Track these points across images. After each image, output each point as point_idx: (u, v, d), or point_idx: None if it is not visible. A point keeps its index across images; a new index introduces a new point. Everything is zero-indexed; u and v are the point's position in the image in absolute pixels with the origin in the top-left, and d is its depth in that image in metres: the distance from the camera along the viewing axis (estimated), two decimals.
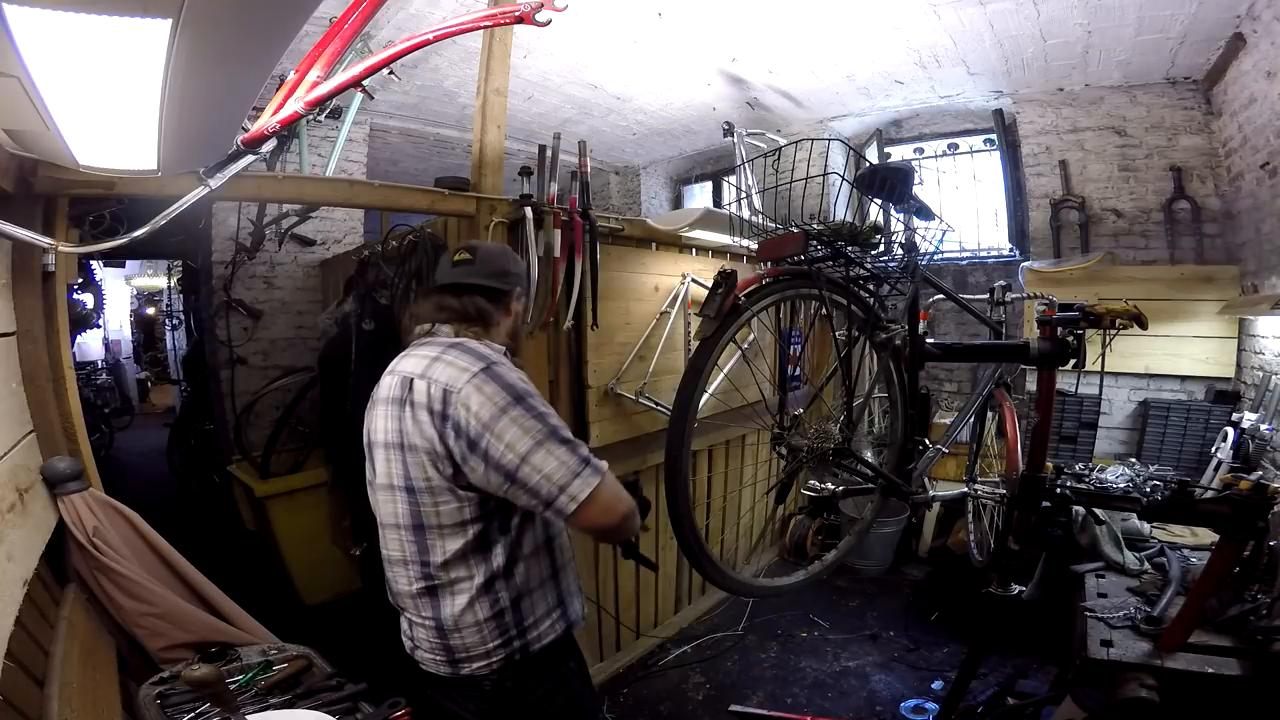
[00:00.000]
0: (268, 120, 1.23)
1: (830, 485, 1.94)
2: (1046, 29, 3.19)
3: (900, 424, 1.98)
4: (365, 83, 1.56)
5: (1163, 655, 1.55)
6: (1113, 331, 1.66)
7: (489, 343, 1.25)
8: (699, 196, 6.12)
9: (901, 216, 2.08)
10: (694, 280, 3.03)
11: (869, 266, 1.84)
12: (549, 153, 2.46)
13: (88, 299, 5.28)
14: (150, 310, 10.39)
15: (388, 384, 1.22)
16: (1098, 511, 1.95)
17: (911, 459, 1.96)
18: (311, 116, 3.35)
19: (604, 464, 1.15)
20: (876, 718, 2.59)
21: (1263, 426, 2.86)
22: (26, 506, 1.37)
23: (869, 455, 3.62)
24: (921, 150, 4.76)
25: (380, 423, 1.21)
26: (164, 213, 1.44)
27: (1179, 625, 1.56)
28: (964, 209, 4.61)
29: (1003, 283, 2.51)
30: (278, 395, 3.74)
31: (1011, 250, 4.40)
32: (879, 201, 1.86)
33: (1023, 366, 2.92)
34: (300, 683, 1.44)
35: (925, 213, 1.92)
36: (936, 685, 2.72)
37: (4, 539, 1.21)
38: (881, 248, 1.88)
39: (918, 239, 1.99)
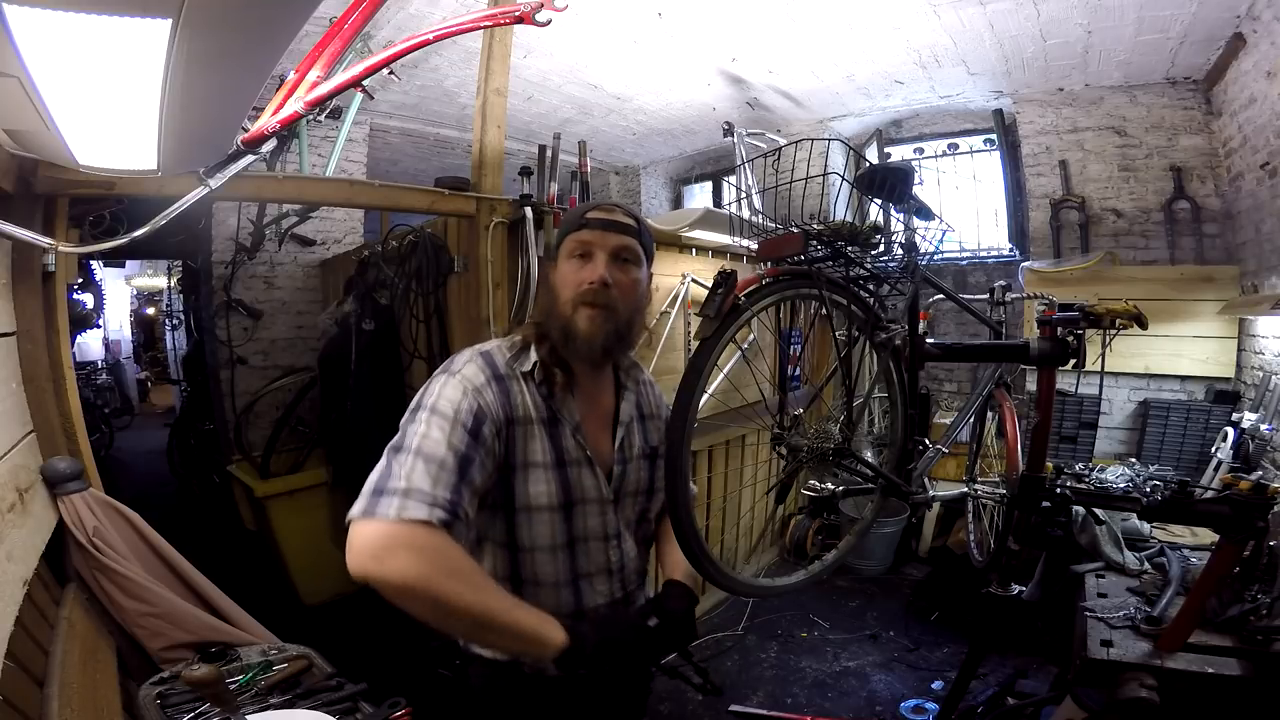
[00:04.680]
0: (268, 120, 1.23)
1: (830, 485, 1.94)
2: (1046, 29, 3.19)
3: (900, 424, 1.98)
4: (365, 83, 1.56)
5: (1163, 655, 1.55)
6: (1113, 331, 1.66)
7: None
8: (699, 196, 6.12)
9: (901, 216, 2.07)
10: (694, 280, 3.03)
11: (869, 266, 1.84)
12: (549, 153, 2.46)
13: (88, 299, 5.27)
14: (150, 310, 10.39)
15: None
16: (1098, 511, 1.95)
17: (911, 459, 1.96)
18: (311, 116, 3.35)
19: None
20: (876, 718, 2.59)
21: (1263, 426, 2.86)
22: (26, 506, 1.37)
23: (869, 455, 3.62)
24: (921, 150, 4.76)
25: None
26: (164, 213, 1.44)
27: (1179, 625, 1.56)
28: (964, 209, 4.61)
29: (1003, 283, 2.51)
30: (278, 395, 3.74)
31: (1011, 250, 4.40)
32: (879, 201, 1.86)
33: (1023, 366, 2.91)
34: (300, 683, 1.44)
35: (925, 213, 1.91)
36: (936, 685, 2.72)
37: (4, 539, 1.21)
38: (881, 248, 1.88)
39: (918, 239, 1.98)
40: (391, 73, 2.78)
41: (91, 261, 4.94)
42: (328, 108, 3.47)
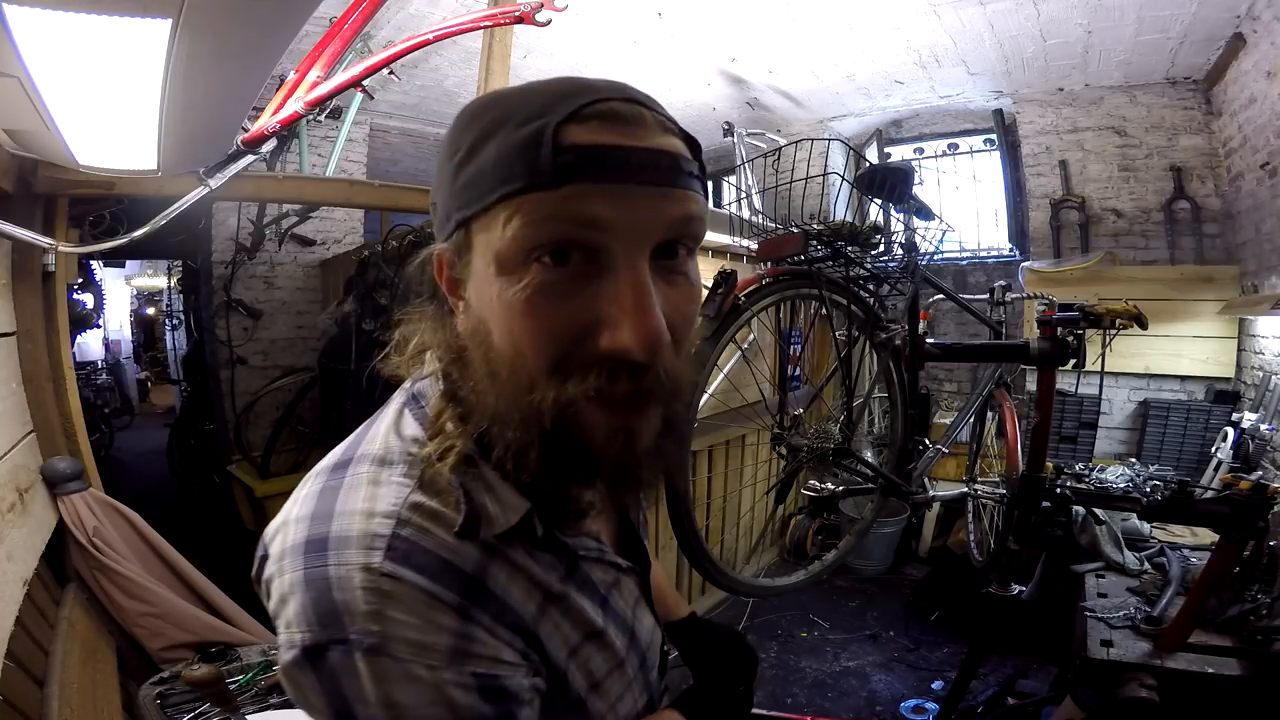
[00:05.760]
0: (268, 120, 1.23)
1: (830, 485, 1.94)
2: (1046, 29, 3.19)
3: (900, 424, 1.98)
4: (365, 83, 1.56)
5: (1163, 655, 1.55)
6: (1113, 331, 1.66)
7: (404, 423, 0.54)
8: None
9: (901, 216, 2.07)
10: None
11: (869, 266, 1.84)
12: None
13: (88, 299, 5.27)
14: (150, 310, 10.38)
15: None
16: (1098, 511, 1.95)
17: (911, 459, 1.96)
18: (311, 116, 3.34)
19: None
20: (877, 718, 2.59)
21: (1263, 426, 2.86)
22: (26, 506, 1.37)
23: (869, 455, 3.62)
24: (921, 150, 4.76)
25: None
26: (164, 213, 1.44)
27: (1179, 625, 1.56)
28: (964, 209, 4.61)
29: (1003, 283, 2.51)
30: (278, 395, 3.74)
31: (1011, 250, 4.40)
32: (879, 201, 1.86)
33: (1023, 366, 2.92)
34: None
35: (925, 213, 1.92)
36: (936, 685, 2.72)
37: (4, 539, 1.21)
38: (881, 248, 1.88)
39: (918, 239, 1.99)
40: (391, 73, 2.78)
41: (91, 261, 4.93)
42: (328, 108, 3.46)
